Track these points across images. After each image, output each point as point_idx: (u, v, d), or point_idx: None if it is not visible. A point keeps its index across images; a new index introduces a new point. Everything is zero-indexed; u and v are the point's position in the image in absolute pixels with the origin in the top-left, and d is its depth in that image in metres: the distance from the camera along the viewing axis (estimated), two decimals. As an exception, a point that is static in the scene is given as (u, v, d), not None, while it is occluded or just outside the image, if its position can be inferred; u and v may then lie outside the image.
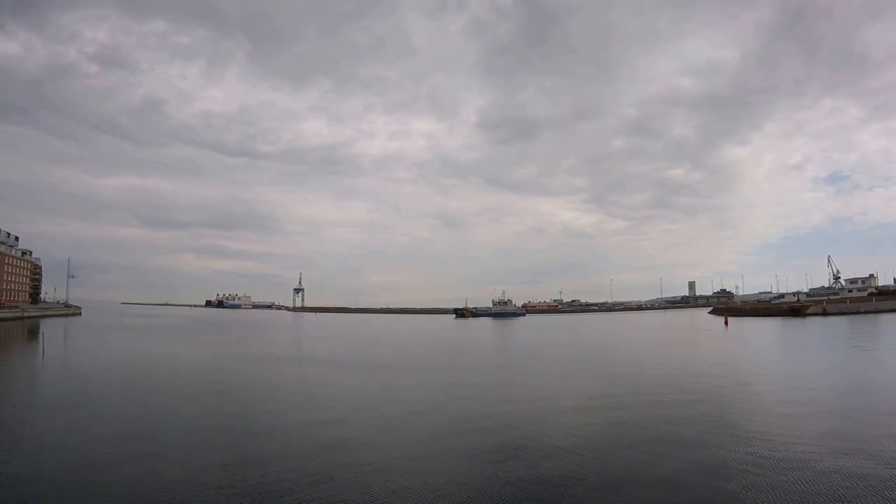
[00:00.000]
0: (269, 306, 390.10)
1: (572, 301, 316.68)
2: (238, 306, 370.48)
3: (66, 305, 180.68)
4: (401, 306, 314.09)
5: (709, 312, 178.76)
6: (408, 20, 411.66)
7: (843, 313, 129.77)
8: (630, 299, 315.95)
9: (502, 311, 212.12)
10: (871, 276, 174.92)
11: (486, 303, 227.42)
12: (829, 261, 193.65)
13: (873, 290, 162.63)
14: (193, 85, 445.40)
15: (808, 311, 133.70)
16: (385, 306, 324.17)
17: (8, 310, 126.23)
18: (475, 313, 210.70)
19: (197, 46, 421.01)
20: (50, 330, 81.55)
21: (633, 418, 21.50)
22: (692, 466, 15.10)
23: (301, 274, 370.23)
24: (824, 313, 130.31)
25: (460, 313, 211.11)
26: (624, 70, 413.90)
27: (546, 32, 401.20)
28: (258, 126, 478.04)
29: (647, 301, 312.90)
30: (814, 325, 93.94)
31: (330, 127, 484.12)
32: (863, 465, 14.91)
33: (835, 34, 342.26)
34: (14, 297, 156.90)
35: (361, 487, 13.72)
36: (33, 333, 77.69)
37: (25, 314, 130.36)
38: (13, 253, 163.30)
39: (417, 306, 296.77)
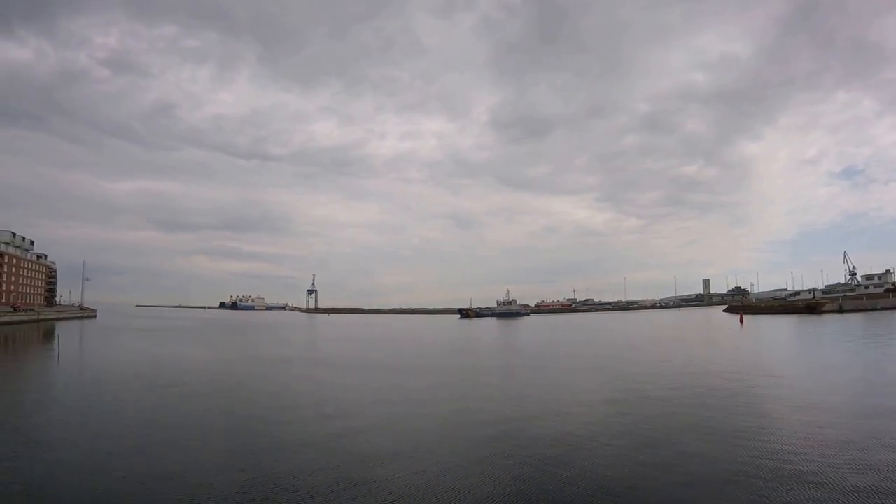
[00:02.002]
0: (283, 308, 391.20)
1: (586, 300, 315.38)
2: (252, 308, 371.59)
3: (81, 308, 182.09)
4: (413, 307, 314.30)
5: (723, 310, 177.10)
6: (417, 20, 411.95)
7: (859, 310, 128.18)
8: (644, 298, 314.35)
9: (506, 311, 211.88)
10: (888, 271, 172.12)
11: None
12: (845, 257, 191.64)
13: (890, 286, 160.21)
14: (204, 88, 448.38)
15: (824, 309, 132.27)
16: (398, 307, 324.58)
17: (24, 313, 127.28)
18: (479, 313, 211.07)
19: (207, 50, 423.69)
20: (65, 332, 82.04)
21: (640, 425, 21.20)
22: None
23: (314, 275, 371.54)
24: (840, 310, 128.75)
25: (464, 313, 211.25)
26: (636, 66, 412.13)
27: (557, 30, 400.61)
28: (269, 128, 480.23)
29: (661, 300, 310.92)
30: (830, 322, 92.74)
31: (341, 128, 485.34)
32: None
33: (848, 26, 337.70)
34: (30, 300, 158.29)
35: (378, 491, 13.59)
36: (49, 336, 78.21)
37: (41, 317, 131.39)
38: (28, 257, 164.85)
39: (430, 307, 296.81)
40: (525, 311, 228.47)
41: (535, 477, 14.55)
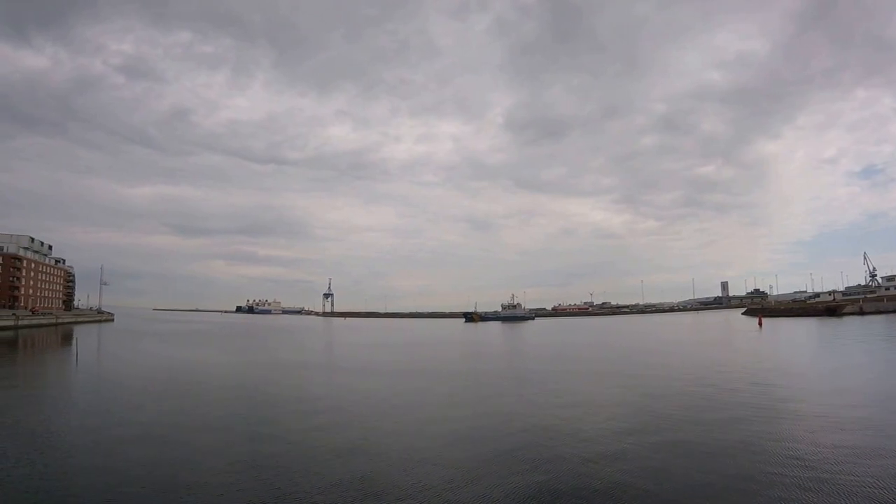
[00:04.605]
0: (299, 312, 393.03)
1: (603, 303, 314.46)
2: (268, 312, 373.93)
3: (99, 312, 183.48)
4: (428, 311, 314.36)
5: (742, 313, 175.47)
6: (432, 21, 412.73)
7: (880, 312, 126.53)
8: (662, 301, 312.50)
9: (511, 315, 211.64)
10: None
11: None
12: (865, 258, 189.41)
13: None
14: (219, 93, 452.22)
15: (845, 311, 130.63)
16: (413, 311, 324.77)
17: (42, 316, 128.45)
18: (484, 317, 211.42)
19: (222, 55, 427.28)
20: (84, 336, 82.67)
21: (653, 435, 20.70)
22: None
23: (330, 279, 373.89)
24: (861, 312, 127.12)
25: (469, 317, 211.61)
26: (652, 65, 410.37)
27: (572, 29, 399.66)
28: (285, 133, 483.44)
29: (679, 302, 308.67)
30: (851, 324, 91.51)
31: (356, 132, 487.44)
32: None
33: (866, 21, 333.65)
34: (48, 304, 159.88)
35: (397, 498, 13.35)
36: (67, 340, 78.77)
37: (59, 321, 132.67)
38: (46, 261, 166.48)
39: (447, 310, 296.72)
40: (530, 314, 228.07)
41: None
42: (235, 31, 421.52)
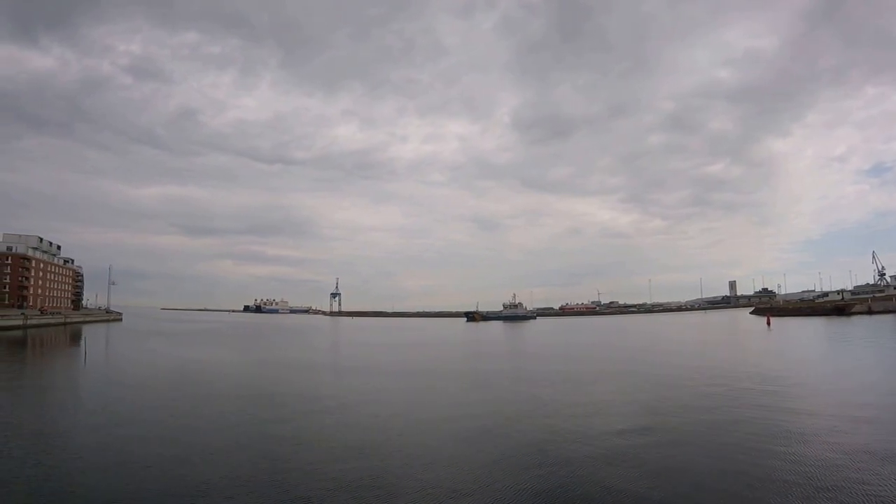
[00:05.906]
0: (307, 311, 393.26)
1: (610, 303, 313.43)
2: (276, 311, 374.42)
3: (108, 311, 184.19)
4: (435, 310, 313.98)
5: (750, 313, 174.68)
6: (438, 20, 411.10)
7: (888, 311, 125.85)
8: (669, 300, 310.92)
9: (513, 315, 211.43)
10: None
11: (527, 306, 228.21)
12: (873, 257, 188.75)
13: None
14: (226, 94, 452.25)
15: (853, 310, 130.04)
16: (420, 310, 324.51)
17: (51, 316, 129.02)
18: (486, 317, 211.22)
19: (229, 55, 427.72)
20: (92, 336, 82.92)
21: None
22: None
23: (338, 279, 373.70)
24: (869, 312, 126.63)
25: (471, 317, 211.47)
26: (660, 63, 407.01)
27: (579, 27, 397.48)
28: (292, 133, 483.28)
29: (686, 302, 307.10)
30: (860, 324, 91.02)
31: (363, 131, 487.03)
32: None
33: (874, 18, 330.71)
34: (57, 303, 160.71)
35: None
36: (76, 339, 79.09)
37: (68, 320, 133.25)
38: (55, 261, 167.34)
39: (452, 310, 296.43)
40: (532, 314, 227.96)
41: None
42: (242, 32, 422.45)
